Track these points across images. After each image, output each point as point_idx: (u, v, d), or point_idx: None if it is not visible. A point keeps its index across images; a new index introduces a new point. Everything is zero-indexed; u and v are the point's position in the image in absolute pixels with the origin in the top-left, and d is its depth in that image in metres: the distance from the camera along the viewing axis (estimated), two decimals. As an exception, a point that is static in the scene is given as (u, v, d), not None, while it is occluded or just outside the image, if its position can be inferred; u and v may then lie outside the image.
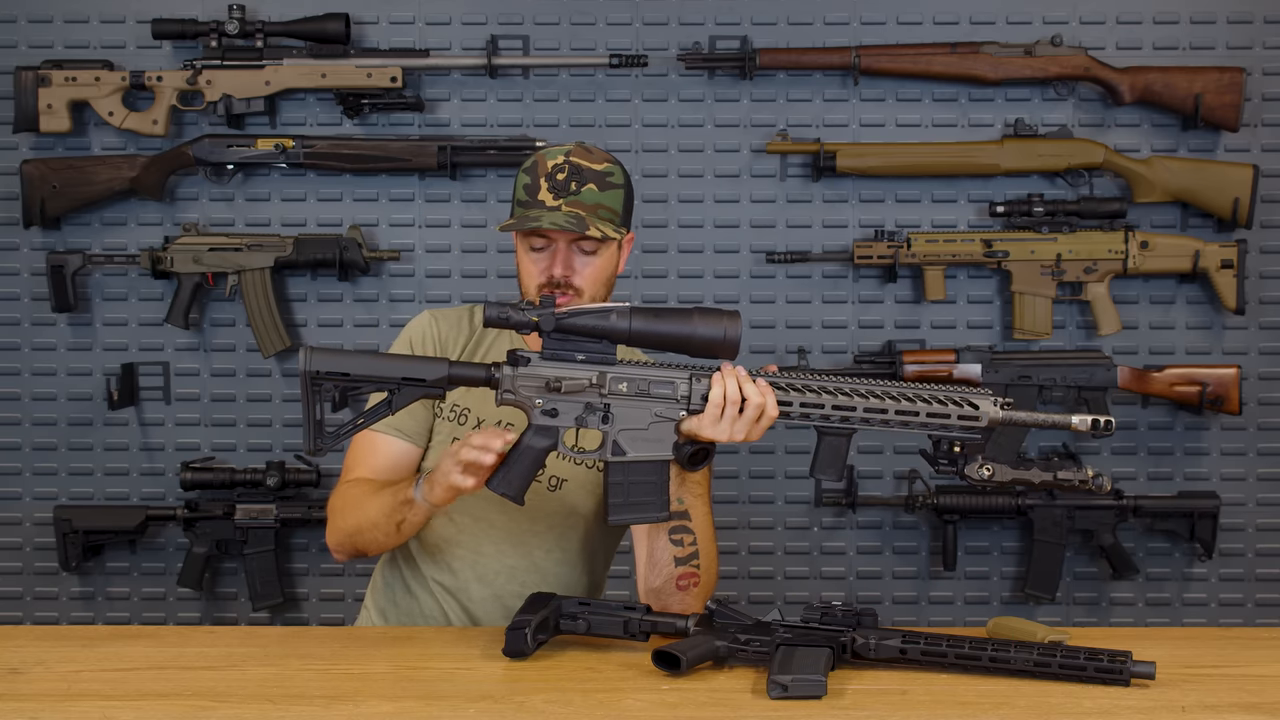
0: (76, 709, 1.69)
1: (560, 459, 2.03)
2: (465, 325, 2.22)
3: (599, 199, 2.07)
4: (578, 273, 2.08)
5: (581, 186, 2.06)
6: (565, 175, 2.07)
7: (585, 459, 2.07)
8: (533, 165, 2.10)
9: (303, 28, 3.17)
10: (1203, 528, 3.21)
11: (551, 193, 2.06)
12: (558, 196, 2.06)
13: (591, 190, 2.07)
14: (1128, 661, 1.73)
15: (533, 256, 2.10)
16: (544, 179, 2.07)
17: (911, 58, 3.18)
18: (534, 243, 2.09)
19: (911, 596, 3.33)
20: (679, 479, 1.98)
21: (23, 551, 3.35)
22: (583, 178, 2.07)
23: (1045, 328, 3.21)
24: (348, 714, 1.67)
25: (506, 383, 1.88)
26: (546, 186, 2.07)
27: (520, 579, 2.15)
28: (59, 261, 3.21)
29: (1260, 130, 3.25)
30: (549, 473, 2.14)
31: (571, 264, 2.08)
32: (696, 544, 2.02)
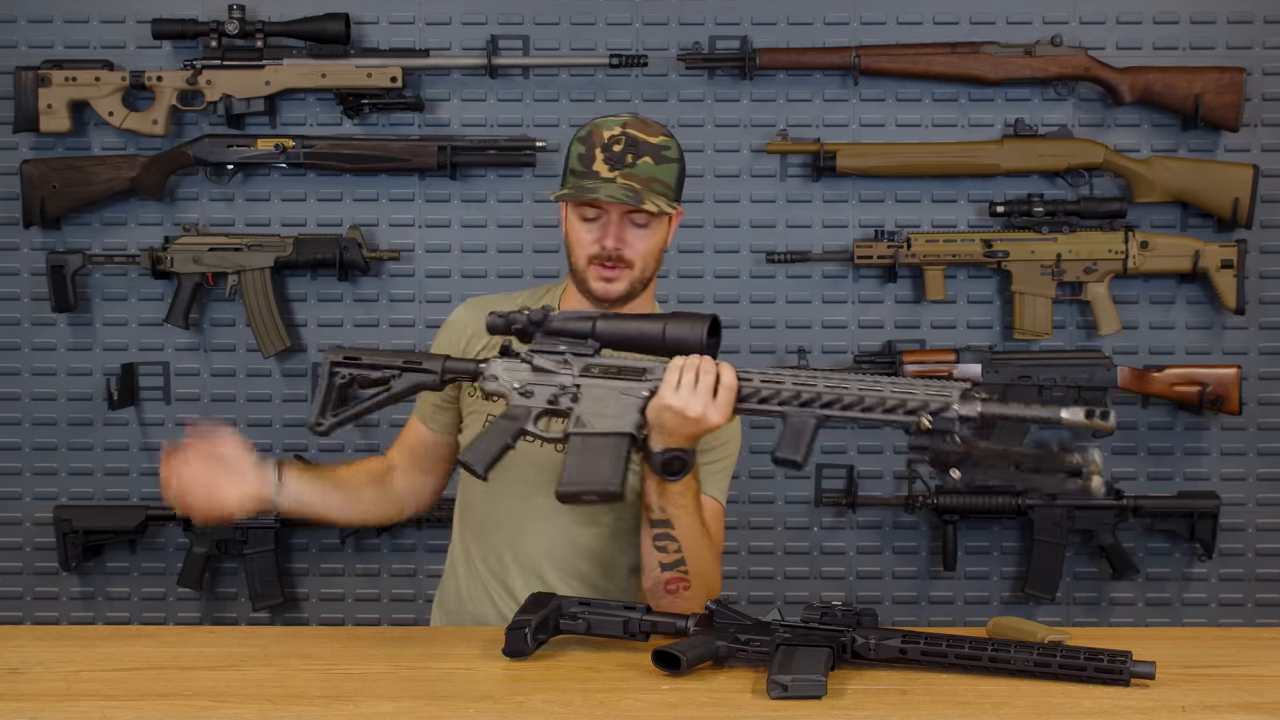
0: (76, 709, 1.70)
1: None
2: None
3: (654, 172, 2.07)
4: (630, 245, 2.08)
5: (638, 159, 2.06)
6: (622, 147, 2.06)
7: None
8: (588, 135, 2.09)
9: (303, 28, 3.17)
10: (1203, 528, 3.21)
11: (607, 164, 2.05)
12: (614, 168, 2.05)
13: (647, 163, 2.06)
14: (1128, 661, 1.73)
15: (585, 226, 2.10)
16: (599, 149, 2.06)
17: (911, 58, 3.18)
18: (586, 212, 2.09)
19: (911, 596, 3.33)
20: (659, 489, 1.96)
21: (23, 551, 3.35)
22: (639, 150, 2.06)
23: (1045, 328, 3.21)
24: (348, 714, 1.67)
25: (490, 371, 1.96)
26: (602, 157, 2.06)
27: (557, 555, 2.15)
28: (59, 261, 3.21)
29: (1260, 130, 3.25)
30: None
31: (624, 237, 2.08)
32: (681, 551, 2.01)
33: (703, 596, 2.02)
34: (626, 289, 2.12)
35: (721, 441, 2.19)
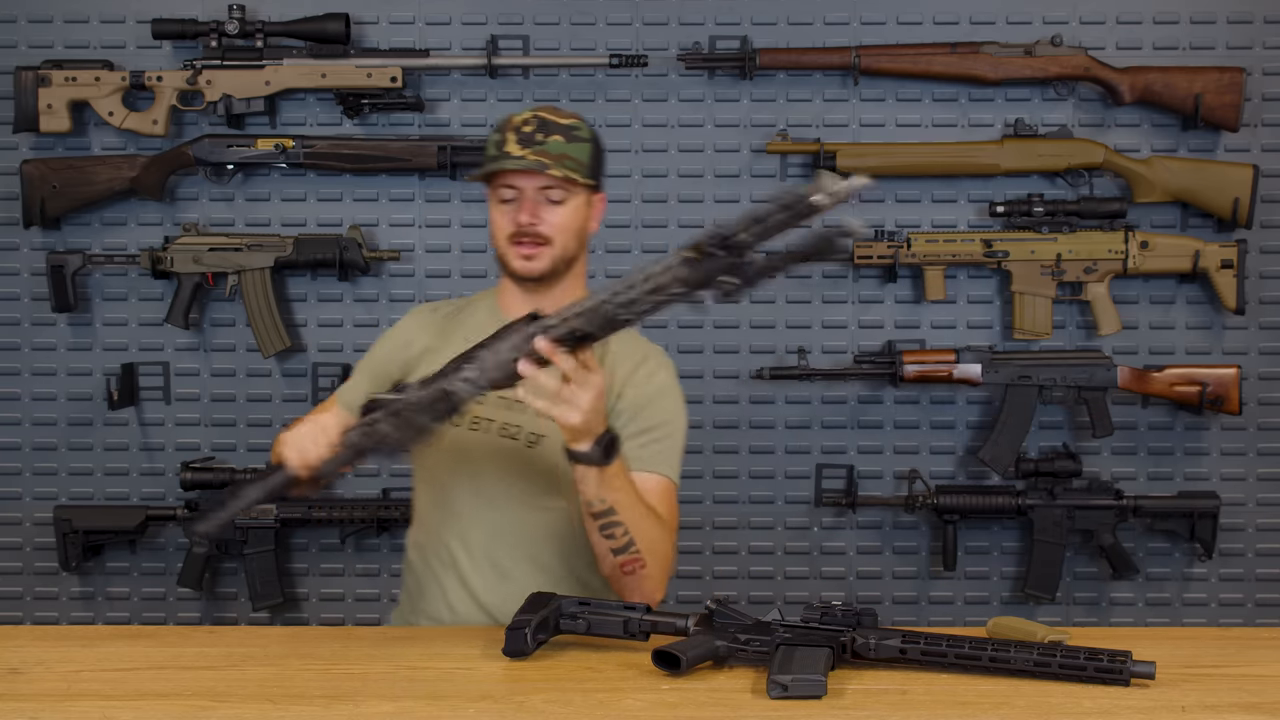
0: (76, 709, 1.70)
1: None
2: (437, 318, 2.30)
3: (565, 149, 2.13)
4: (544, 221, 2.14)
5: (548, 137, 2.13)
6: (532, 128, 2.14)
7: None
8: (502, 124, 2.17)
9: (303, 28, 3.17)
10: (1203, 528, 3.20)
11: (519, 144, 2.12)
12: (524, 146, 2.12)
13: (558, 141, 2.13)
14: (1128, 661, 1.73)
15: (503, 208, 2.16)
16: (511, 132, 2.14)
17: (911, 58, 3.18)
18: (503, 194, 2.15)
19: (911, 596, 3.33)
20: (598, 478, 1.97)
21: (23, 551, 3.35)
22: (549, 129, 2.14)
23: (1045, 328, 3.21)
24: (348, 714, 1.67)
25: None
26: (514, 139, 2.13)
27: (501, 538, 2.16)
28: (59, 261, 3.21)
29: (1260, 130, 3.25)
30: (527, 429, 2.16)
31: (538, 212, 2.14)
32: (629, 533, 2.03)
33: (661, 571, 2.07)
34: (548, 266, 2.16)
35: (660, 420, 2.19)
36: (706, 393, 3.30)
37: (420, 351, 2.26)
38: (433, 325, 2.30)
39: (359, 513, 3.21)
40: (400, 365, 2.27)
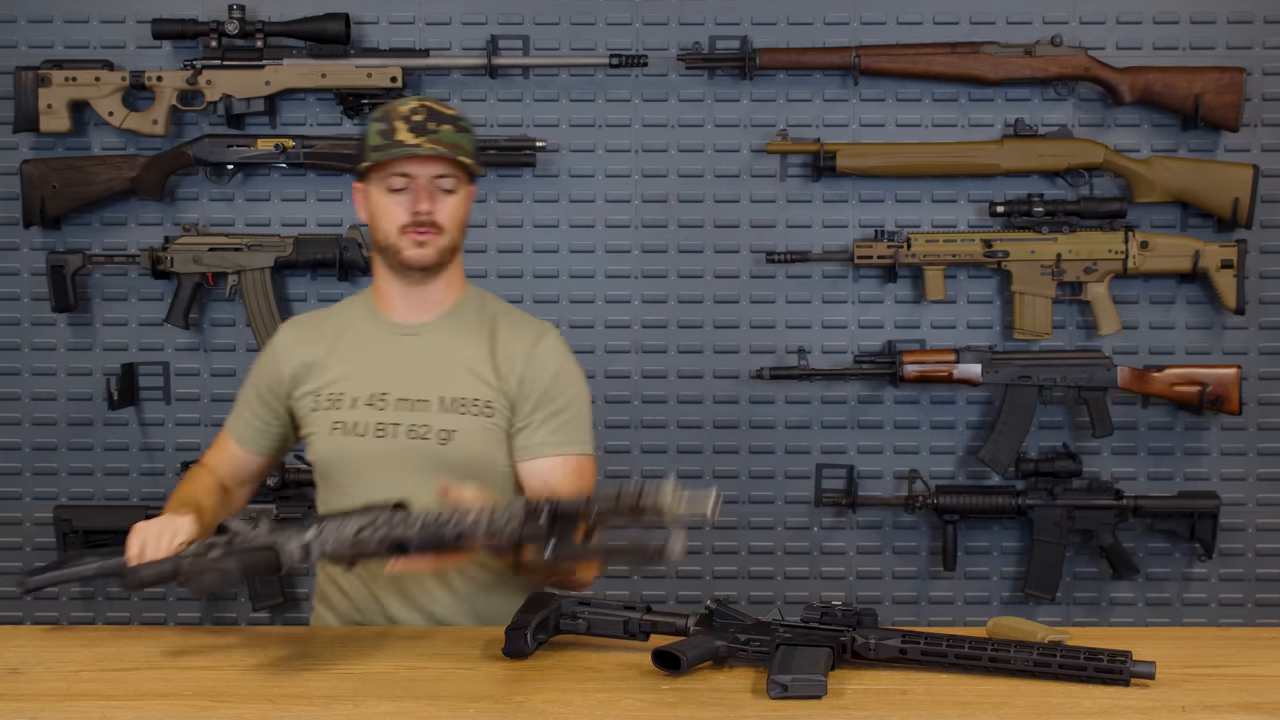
0: (76, 709, 1.70)
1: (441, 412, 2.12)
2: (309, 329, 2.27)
3: (456, 139, 2.13)
4: (440, 210, 2.13)
5: (440, 125, 2.12)
6: (423, 117, 2.12)
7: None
8: (384, 114, 2.14)
9: (303, 28, 3.17)
10: (1203, 528, 3.20)
11: (412, 132, 2.10)
12: (419, 135, 2.10)
13: (449, 130, 2.12)
14: (1128, 661, 1.73)
15: (394, 198, 2.13)
16: (400, 121, 2.11)
17: (911, 58, 3.18)
18: (393, 183, 2.12)
19: (911, 596, 3.33)
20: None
21: (23, 551, 3.35)
22: (440, 119, 2.13)
23: (1045, 328, 3.21)
24: (348, 714, 1.67)
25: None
26: (405, 127, 2.11)
27: None
28: (59, 261, 3.21)
29: (1260, 130, 3.25)
30: (436, 426, 2.14)
31: (435, 201, 2.12)
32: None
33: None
34: (438, 255, 2.15)
35: (565, 400, 2.19)
36: (706, 393, 3.30)
37: (300, 367, 2.22)
38: (304, 337, 2.25)
39: (359, 513, 3.21)
40: (282, 385, 2.23)
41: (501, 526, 1.72)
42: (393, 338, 2.20)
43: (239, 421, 2.29)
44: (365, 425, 2.15)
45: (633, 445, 3.31)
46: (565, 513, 1.66)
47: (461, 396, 2.15)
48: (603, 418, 3.28)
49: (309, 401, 2.20)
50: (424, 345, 2.19)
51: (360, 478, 2.15)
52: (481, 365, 2.17)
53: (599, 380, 3.27)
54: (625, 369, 3.30)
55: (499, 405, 2.16)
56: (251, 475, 2.33)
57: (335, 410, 2.17)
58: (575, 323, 3.28)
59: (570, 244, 3.29)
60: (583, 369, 2.25)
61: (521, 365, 2.18)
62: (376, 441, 2.14)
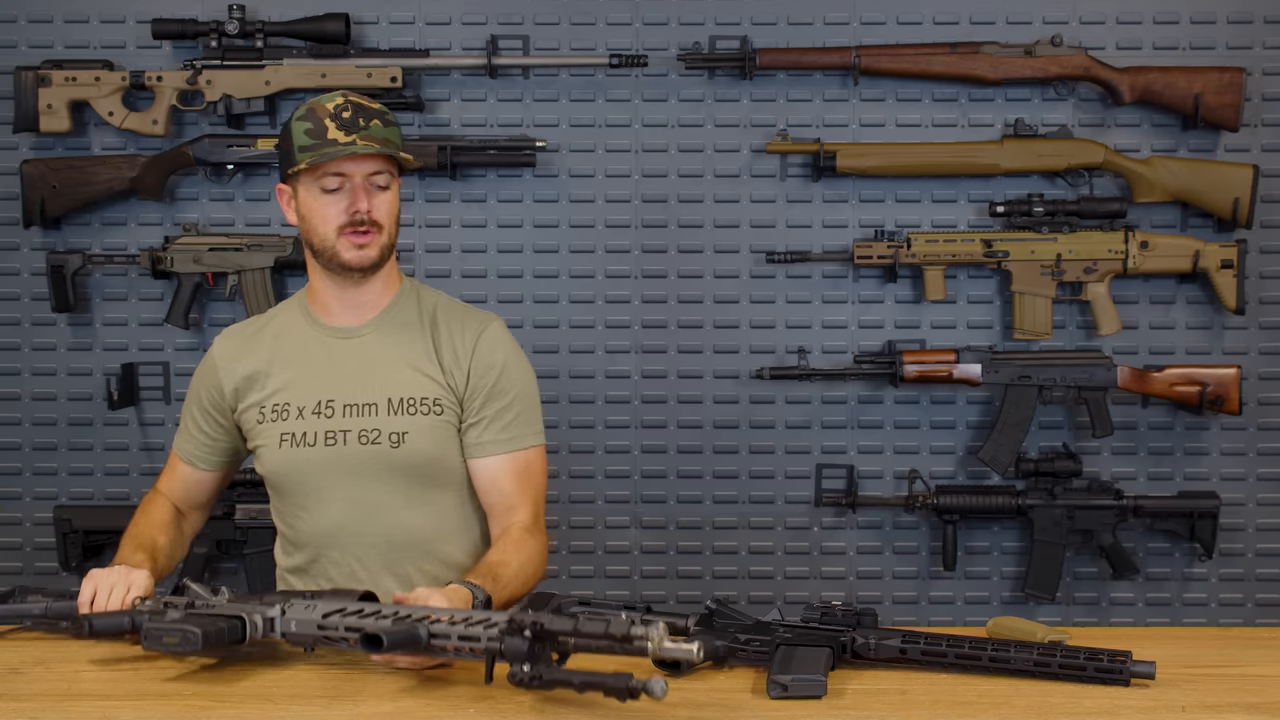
0: (76, 709, 1.70)
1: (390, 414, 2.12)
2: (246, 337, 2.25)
3: (386, 134, 2.10)
4: (377, 208, 2.10)
5: (369, 122, 2.09)
6: (351, 114, 2.08)
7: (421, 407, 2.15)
8: (308, 112, 2.10)
9: (303, 28, 3.17)
10: (1203, 528, 3.20)
11: (342, 129, 2.07)
12: (350, 132, 2.07)
13: (378, 125, 2.10)
14: (1128, 661, 1.73)
15: (328, 198, 2.09)
16: (328, 119, 2.08)
17: (911, 58, 3.18)
18: (326, 184, 2.09)
19: (911, 596, 3.33)
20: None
21: (23, 551, 3.35)
22: (368, 114, 2.10)
23: (1045, 328, 3.21)
24: (348, 714, 1.67)
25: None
26: (334, 125, 2.07)
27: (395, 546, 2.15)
28: (59, 261, 3.21)
29: (1260, 130, 3.25)
30: (386, 430, 2.12)
31: (372, 199, 2.09)
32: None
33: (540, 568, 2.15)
34: (378, 254, 2.12)
35: (514, 393, 2.19)
36: (706, 393, 3.30)
37: (241, 380, 2.20)
38: (241, 348, 2.22)
39: (359, 513, 3.21)
40: (224, 399, 2.21)
41: (479, 634, 1.67)
42: (332, 342, 2.18)
43: (186, 441, 2.27)
44: (314, 435, 2.13)
45: (633, 445, 3.31)
46: (548, 634, 1.61)
47: (409, 396, 2.13)
48: (602, 418, 3.29)
49: (254, 414, 2.18)
50: (364, 347, 2.17)
51: (314, 488, 2.15)
52: (426, 362, 2.16)
53: (599, 380, 3.28)
54: (625, 369, 3.30)
55: (447, 401, 2.15)
56: (206, 494, 2.32)
57: (282, 422, 2.15)
58: (575, 323, 3.28)
59: (570, 244, 3.29)
60: (524, 352, 2.25)
61: (467, 360, 2.17)
62: (327, 450, 2.13)
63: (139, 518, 2.24)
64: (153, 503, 2.28)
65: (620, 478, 3.31)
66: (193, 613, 1.85)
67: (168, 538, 2.21)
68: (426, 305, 2.22)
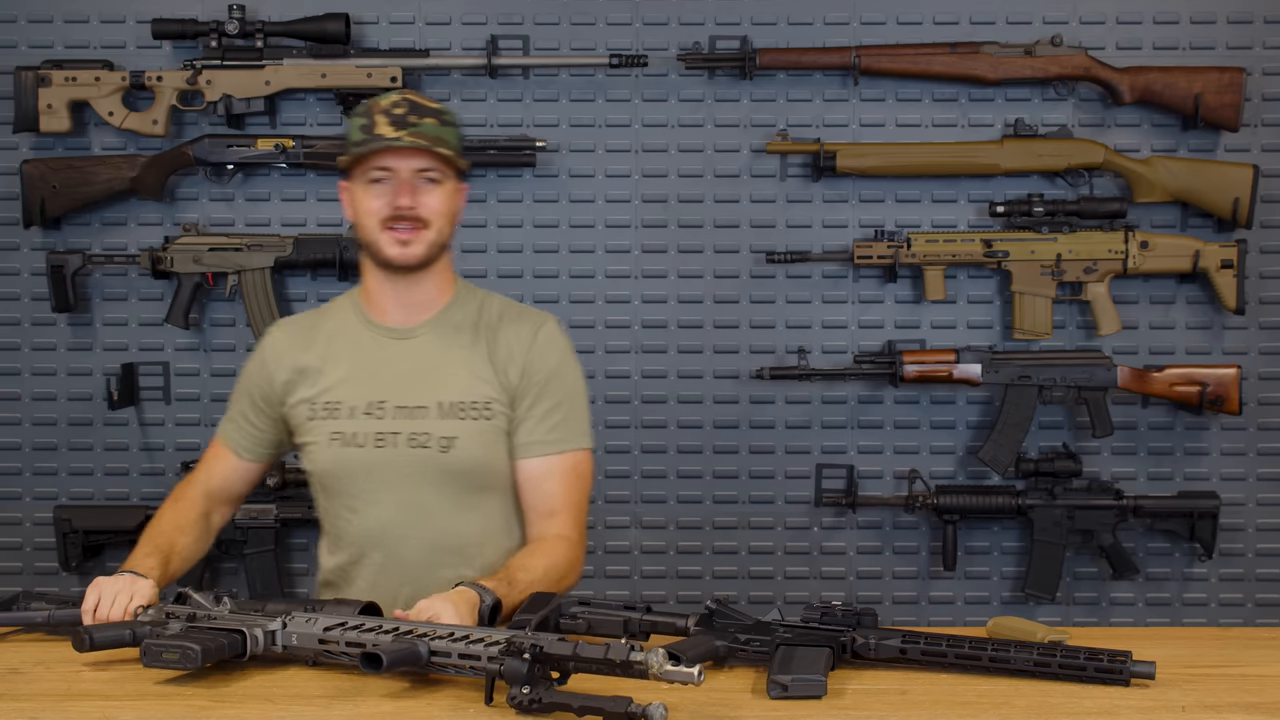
0: (76, 709, 1.70)
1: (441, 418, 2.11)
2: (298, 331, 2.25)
3: (439, 133, 2.09)
4: (423, 204, 2.08)
5: (421, 119, 2.07)
6: (404, 110, 2.08)
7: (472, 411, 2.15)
8: (365, 109, 2.11)
9: (303, 28, 3.17)
10: (1203, 528, 3.20)
11: (392, 125, 2.07)
12: (399, 128, 2.06)
13: (432, 124, 2.08)
14: (1128, 661, 1.73)
15: (374, 191, 2.09)
16: (380, 115, 2.08)
17: (911, 58, 3.18)
18: (373, 175, 2.08)
19: (911, 596, 3.33)
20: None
21: (23, 551, 3.35)
22: (422, 112, 2.09)
23: (1045, 328, 3.21)
24: (348, 714, 1.67)
25: None
26: (386, 121, 2.07)
27: (439, 550, 2.14)
28: (59, 261, 3.21)
29: (1260, 130, 3.25)
30: (436, 434, 2.12)
31: (417, 194, 2.08)
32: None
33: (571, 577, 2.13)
34: (424, 252, 2.11)
35: (565, 394, 2.18)
36: (706, 393, 3.30)
37: (292, 373, 2.19)
38: (295, 342, 2.22)
39: (359, 513, 3.21)
40: (275, 391, 2.21)
41: (479, 653, 1.67)
42: (386, 342, 2.18)
43: (233, 429, 2.27)
44: (364, 435, 2.13)
45: (633, 445, 3.31)
46: (548, 656, 1.62)
47: (460, 400, 2.12)
48: (602, 418, 3.28)
49: (304, 410, 2.18)
50: (418, 349, 2.17)
51: (362, 489, 2.14)
52: (480, 365, 2.15)
53: (599, 380, 3.27)
54: (625, 369, 3.30)
55: (498, 404, 2.14)
56: (243, 486, 2.30)
57: (333, 420, 2.15)
58: (575, 323, 3.27)
59: (570, 244, 3.29)
60: (579, 358, 2.25)
61: (522, 357, 2.16)
62: (377, 451, 2.12)
63: (165, 513, 2.23)
64: (182, 498, 2.26)
65: (620, 478, 3.31)
66: (193, 627, 1.85)
67: (189, 538, 2.20)
68: (485, 308, 2.21)
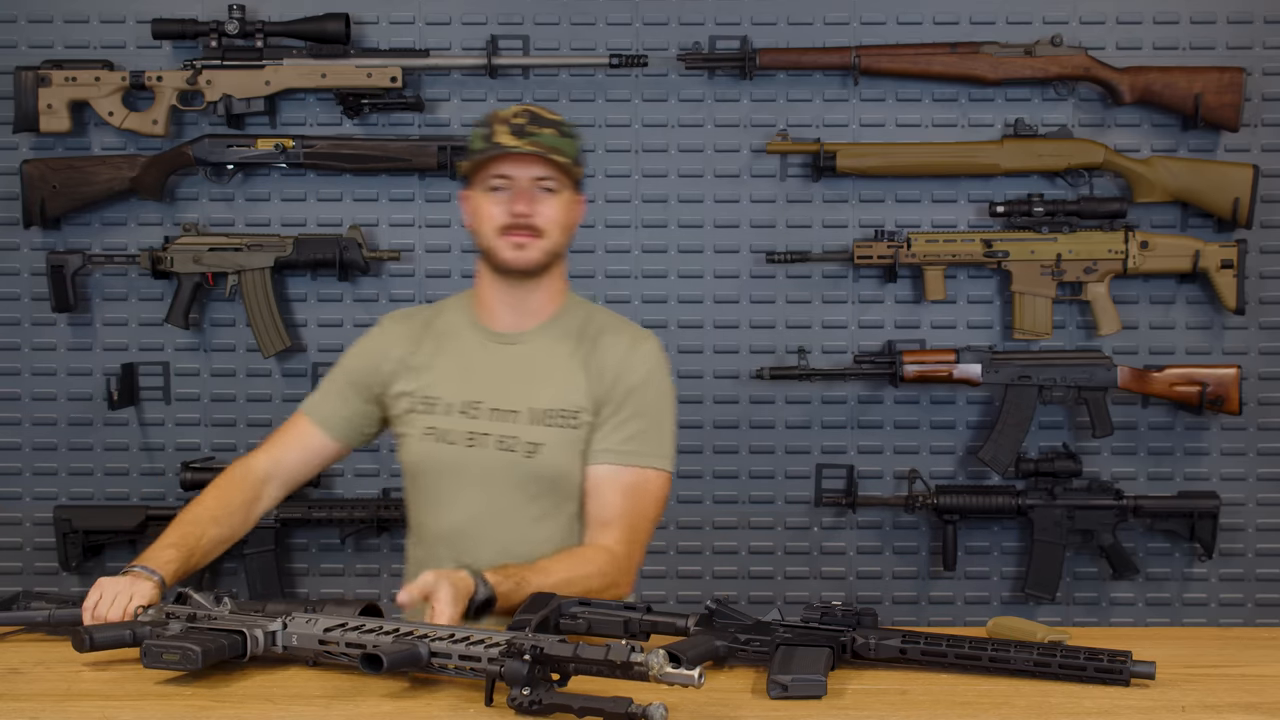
0: (76, 709, 1.70)
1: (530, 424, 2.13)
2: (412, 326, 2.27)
3: (558, 143, 2.12)
4: (539, 212, 2.11)
5: (541, 129, 2.11)
6: (524, 120, 2.11)
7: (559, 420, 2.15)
8: (487, 119, 2.15)
9: (303, 28, 3.17)
10: (1203, 528, 3.20)
11: (512, 134, 2.10)
12: (518, 137, 2.10)
13: (551, 134, 2.12)
14: (1128, 661, 1.73)
15: (492, 198, 2.12)
16: (500, 124, 2.11)
17: (911, 58, 3.18)
18: (493, 183, 2.11)
19: (911, 596, 3.33)
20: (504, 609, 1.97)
21: (23, 551, 3.35)
22: (541, 122, 2.12)
23: (1045, 328, 3.21)
24: (348, 714, 1.67)
25: None
26: (505, 130, 2.10)
27: (510, 556, 2.13)
28: (59, 261, 3.21)
29: (1260, 130, 3.25)
30: (524, 439, 2.14)
31: (534, 201, 2.10)
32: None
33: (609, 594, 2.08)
34: (540, 258, 2.14)
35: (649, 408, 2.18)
36: (706, 393, 3.30)
37: (398, 364, 2.22)
38: (407, 335, 2.25)
39: (359, 513, 3.22)
40: (379, 377, 2.24)
41: (479, 654, 1.67)
42: (492, 345, 2.21)
43: (326, 404, 2.27)
44: (457, 433, 2.16)
45: (633, 445, 3.30)
46: (549, 658, 1.61)
47: (549, 408, 2.15)
48: (603, 418, 3.28)
49: (404, 402, 2.21)
50: (520, 355, 2.19)
51: (448, 485, 2.17)
52: (578, 375, 2.17)
53: (599, 380, 3.27)
54: (625, 369, 3.30)
55: (586, 414, 2.16)
56: (314, 466, 2.30)
57: (429, 415, 2.18)
58: (575, 323, 3.28)
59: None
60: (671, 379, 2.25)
61: (614, 368, 2.17)
62: (467, 451, 2.15)
63: (206, 498, 2.21)
64: (233, 481, 2.24)
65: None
66: (193, 627, 1.85)
67: (222, 529, 2.19)
68: (591, 320, 2.23)
